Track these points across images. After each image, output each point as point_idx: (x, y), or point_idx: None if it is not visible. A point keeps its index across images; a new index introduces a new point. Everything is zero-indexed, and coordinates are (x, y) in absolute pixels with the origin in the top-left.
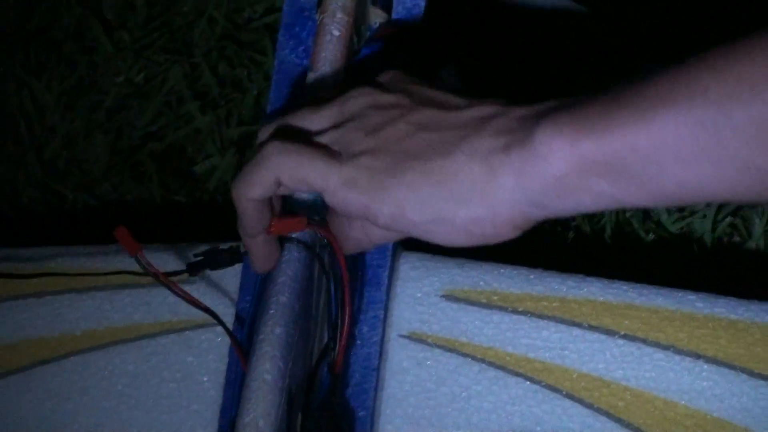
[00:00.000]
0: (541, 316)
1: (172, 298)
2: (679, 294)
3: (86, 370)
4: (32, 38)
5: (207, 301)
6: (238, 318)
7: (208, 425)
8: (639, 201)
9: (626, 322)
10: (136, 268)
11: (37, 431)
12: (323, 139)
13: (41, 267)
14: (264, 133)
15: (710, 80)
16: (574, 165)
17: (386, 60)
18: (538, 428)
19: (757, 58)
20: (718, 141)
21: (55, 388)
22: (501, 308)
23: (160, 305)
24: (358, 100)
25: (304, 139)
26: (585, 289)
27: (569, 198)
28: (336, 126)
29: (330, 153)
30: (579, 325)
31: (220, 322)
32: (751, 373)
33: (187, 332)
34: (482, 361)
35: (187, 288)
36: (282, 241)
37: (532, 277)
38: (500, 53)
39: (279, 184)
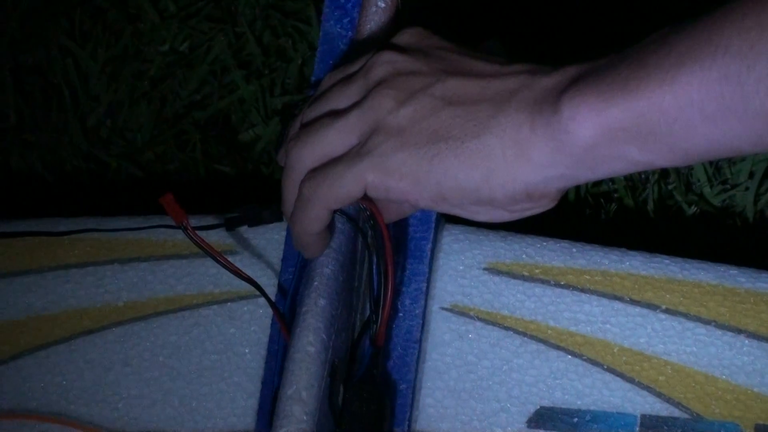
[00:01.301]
0: (583, 290)
1: (214, 270)
2: (721, 269)
3: (128, 341)
4: (77, 6)
5: (250, 273)
6: (281, 289)
7: (249, 397)
8: (671, 162)
9: (668, 296)
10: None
11: (79, 402)
12: (351, 124)
13: (83, 237)
14: (293, 132)
15: (731, 33)
16: (603, 134)
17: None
18: (579, 402)
19: None
20: (743, 94)
21: (97, 359)
22: (543, 281)
23: (202, 276)
24: (381, 68)
25: (333, 136)
26: (627, 263)
27: (601, 167)
28: (362, 102)
29: (358, 152)
30: (620, 299)
31: (263, 293)
32: None
33: (229, 304)
34: (524, 334)
35: (230, 259)
36: None
37: (574, 250)
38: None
39: (330, 211)
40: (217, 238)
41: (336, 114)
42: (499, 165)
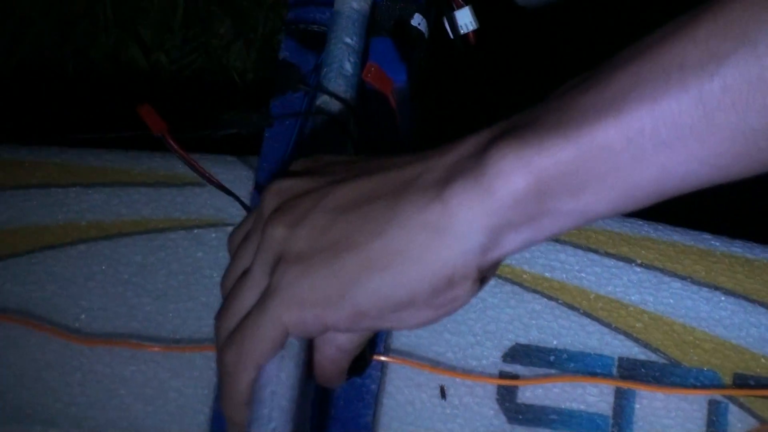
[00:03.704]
0: (557, 241)
1: (181, 198)
2: (695, 233)
3: (92, 258)
4: (69, 61)
5: (219, 204)
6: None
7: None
8: (611, 205)
9: (643, 252)
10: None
11: (40, 311)
12: (255, 271)
13: (47, 161)
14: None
15: (684, 48)
16: (534, 186)
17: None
18: (555, 341)
19: (735, 7)
20: (705, 111)
21: (60, 272)
22: None
23: (169, 204)
24: (270, 200)
25: (243, 295)
26: (601, 222)
27: (526, 228)
28: (260, 246)
29: (266, 293)
30: (596, 251)
31: (238, 200)
32: None
33: (196, 230)
34: (498, 276)
35: (198, 191)
36: None
37: None
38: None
39: (257, 368)
40: (184, 171)
41: (245, 274)
42: (410, 257)
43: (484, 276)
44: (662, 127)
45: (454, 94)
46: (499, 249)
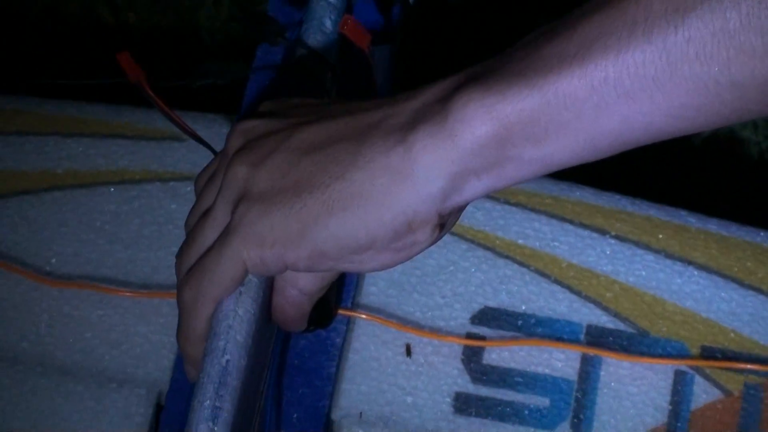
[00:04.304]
0: (532, 210)
1: (159, 151)
2: (672, 209)
3: (66, 204)
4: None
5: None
6: None
7: None
8: (573, 154)
9: (618, 224)
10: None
11: (11, 253)
12: (217, 209)
13: (26, 111)
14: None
15: (650, 0)
16: (495, 132)
17: None
18: (524, 306)
19: None
20: (669, 61)
21: (33, 217)
22: (492, 198)
23: (146, 156)
24: (235, 140)
25: (204, 232)
26: (578, 193)
27: (487, 174)
28: (223, 185)
29: (227, 231)
30: (570, 222)
31: (212, 150)
32: (741, 283)
33: (172, 183)
34: (471, 241)
35: (177, 146)
36: None
37: None
38: None
39: (215, 304)
40: (163, 125)
41: (207, 212)
42: (371, 199)
43: (444, 222)
44: (626, 77)
45: (438, 55)
46: (460, 195)
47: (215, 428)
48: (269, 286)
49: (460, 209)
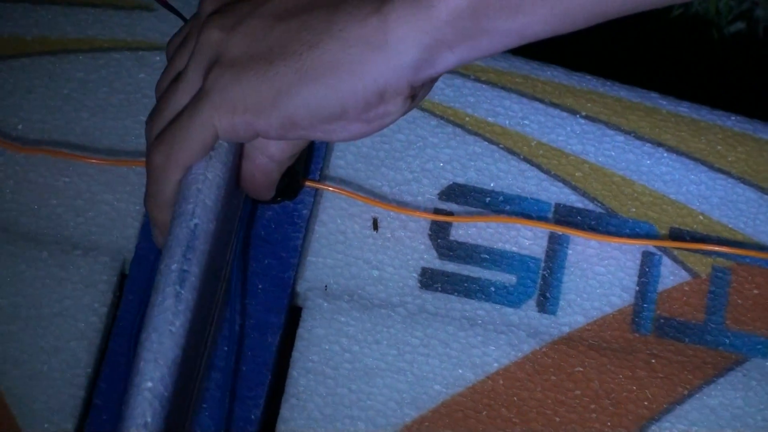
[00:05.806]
0: (503, 88)
1: (128, 20)
2: (643, 91)
3: (33, 71)
4: None
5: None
6: None
7: None
8: (547, 25)
9: (588, 104)
10: None
11: None
12: (189, 73)
13: None
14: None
15: None
16: (467, 3)
17: None
18: (492, 183)
19: None
20: None
21: (0, 83)
22: (463, 75)
23: (116, 25)
24: (208, 5)
25: (176, 96)
26: (549, 72)
27: (463, 46)
28: (195, 49)
29: (198, 96)
30: (540, 101)
31: (182, 18)
32: (711, 167)
33: (141, 52)
34: (441, 117)
35: (147, 15)
36: None
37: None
38: None
39: (185, 169)
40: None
41: (178, 76)
42: (344, 69)
43: (415, 93)
44: None
45: None
46: (433, 67)
47: (182, 291)
48: (239, 152)
49: (432, 81)
